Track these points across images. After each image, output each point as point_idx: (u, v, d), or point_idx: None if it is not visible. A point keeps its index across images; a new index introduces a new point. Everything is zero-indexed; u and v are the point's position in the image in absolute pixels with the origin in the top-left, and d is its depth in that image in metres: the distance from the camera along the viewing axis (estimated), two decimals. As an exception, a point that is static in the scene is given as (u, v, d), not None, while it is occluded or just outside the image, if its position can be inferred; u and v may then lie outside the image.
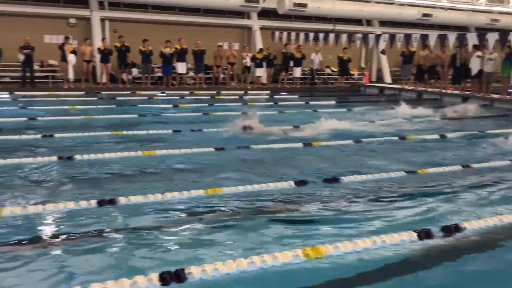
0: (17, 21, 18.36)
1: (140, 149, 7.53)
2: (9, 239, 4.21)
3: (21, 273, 3.66)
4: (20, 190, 5.52)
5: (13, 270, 3.68)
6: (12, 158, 6.59)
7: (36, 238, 4.25)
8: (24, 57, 16.82)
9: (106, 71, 18.28)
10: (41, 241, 4.21)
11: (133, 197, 5.15)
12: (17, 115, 11.29)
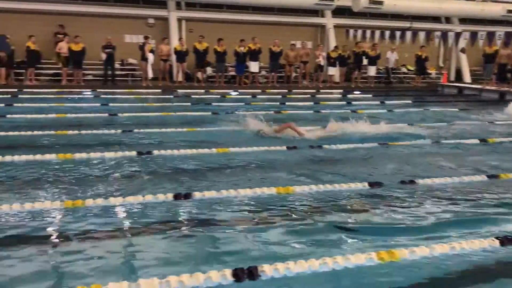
0: (99, 21, 19.30)
1: (213, 146, 7.67)
2: (91, 228, 4.43)
3: (100, 261, 3.85)
4: (102, 182, 5.81)
5: (95, 259, 3.87)
6: (95, 152, 6.93)
7: (115, 229, 4.45)
8: (106, 56, 17.68)
9: (181, 70, 18.81)
10: (118, 232, 4.40)
11: (207, 192, 5.26)
12: (99, 111, 11.87)
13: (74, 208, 4.74)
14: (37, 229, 4.38)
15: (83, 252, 4.01)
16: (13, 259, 3.82)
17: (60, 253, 3.97)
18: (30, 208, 4.68)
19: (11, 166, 6.32)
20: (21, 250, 3.97)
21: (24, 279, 3.49)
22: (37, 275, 3.57)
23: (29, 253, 3.92)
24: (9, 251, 3.94)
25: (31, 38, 17.02)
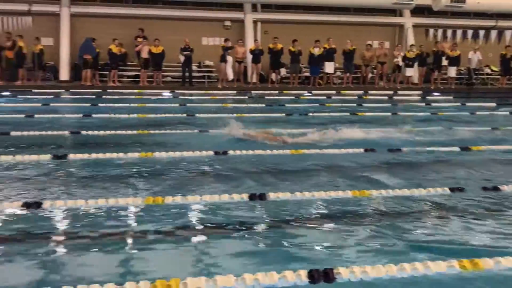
0: (178, 24, 19.91)
1: (286, 147, 7.68)
2: (169, 225, 4.59)
3: (177, 257, 3.97)
4: (182, 180, 6.00)
5: (172, 255, 4.00)
6: (174, 151, 7.15)
7: (191, 226, 4.59)
8: (184, 58, 18.22)
9: (256, 71, 19.01)
10: (194, 229, 4.52)
11: (282, 193, 5.28)
12: (177, 111, 12.26)
13: (154, 205, 4.92)
14: (118, 224, 4.60)
15: (161, 248, 4.16)
16: (96, 252, 4.03)
17: (139, 248, 4.14)
18: (113, 203, 4.91)
19: (96, 163, 6.67)
20: (105, 244, 4.18)
21: (105, 272, 3.66)
22: (117, 267, 3.73)
23: (111, 247, 4.12)
24: (94, 244, 4.16)
25: (114, 41, 17.90)
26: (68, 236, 4.33)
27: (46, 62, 18.32)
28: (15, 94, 15.10)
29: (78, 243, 4.18)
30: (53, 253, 3.99)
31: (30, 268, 3.69)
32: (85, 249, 4.05)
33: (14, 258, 3.84)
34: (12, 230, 4.39)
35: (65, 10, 18.89)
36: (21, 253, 3.92)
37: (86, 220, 4.67)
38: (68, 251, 4.06)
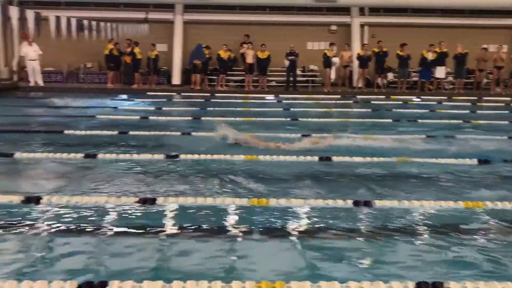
0: (283, 29, 20.13)
1: (395, 155, 7.45)
2: (271, 226, 4.66)
3: (280, 259, 4.02)
4: (286, 184, 6.07)
5: (274, 256, 4.05)
6: (278, 155, 7.23)
7: (294, 229, 4.62)
8: (289, 63, 18.39)
9: (363, 76, 18.68)
10: (297, 232, 4.55)
11: (388, 201, 5.14)
12: (282, 115, 12.40)
13: (261, 206, 5.01)
14: (224, 222, 4.76)
15: (264, 248, 4.24)
16: (203, 249, 4.18)
17: (242, 247, 4.25)
18: (212, 202, 5.09)
19: (205, 163, 6.95)
20: (208, 242, 4.32)
21: (212, 269, 3.79)
22: (223, 266, 3.85)
23: (218, 245, 4.27)
24: (201, 241, 4.33)
25: (223, 47, 18.54)
26: (179, 231, 4.55)
27: (160, 67, 19.44)
28: (131, 97, 16.21)
29: (187, 239, 4.37)
30: (164, 248, 4.21)
31: (143, 260, 3.92)
32: (193, 245, 4.23)
33: (129, 251, 4.11)
34: (129, 224, 4.71)
35: (178, 17, 19.93)
36: (136, 246, 4.19)
37: (194, 216, 4.88)
38: (177, 246, 4.25)
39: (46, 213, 4.88)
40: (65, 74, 19.72)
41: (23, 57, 17.88)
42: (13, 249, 4.09)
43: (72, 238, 4.34)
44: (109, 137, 8.89)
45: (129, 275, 3.45)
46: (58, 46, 15.99)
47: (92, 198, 5.17)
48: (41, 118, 11.25)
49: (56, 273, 3.53)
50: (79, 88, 18.36)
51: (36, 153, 7.05)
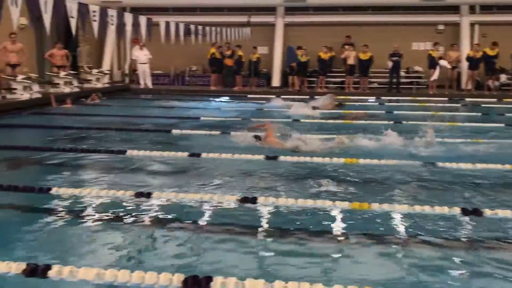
0: (386, 30, 19.59)
1: (506, 161, 6.96)
2: (372, 231, 4.56)
3: (376, 266, 3.91)
4: (387, 188, 5.94)
5: (372, 261, 3.95)
6: (380, 159, 7.05)
7: (395, 234, 4.48)
8: (392, 64, 17.86)
9: (472, 78, 17.65)
10: (397, 238, 4.40)
11: (500, 210, 4.81)
12: (383, 118, 12.06)
13: (362, 210, 4.92)
14: (322, 226, 4.72)
15: (363, 254, 4.15)
16: (301, 252, 4.19)
17: (342, 251, 4.19)
18: (311, 204, 5.06)
19: (304, 166, 6.95)
20: (308, 244, 4.32)
21: (311, 272, 3.79)
22: (323, 269, 3.83)
23: (314, 247, 4.26)
24: (298, 243, 4.33)
25: (323, 48, 18.44)
26: (275, 232, 4.59)
27: (261, 70, 19.78)
28: (233, 98, 16.66)
29: (287, 240, 4.41)
30: (263, 247, 4.27)
31: (244, 258, 4.01)
32: (293, 247, 4.25)
33: (231, 248, 4.22)
34: (230, 221, 4.85)
35: (279, 20, 20.17)
36: (237, 244, 4.29)
37: (291, 218, 4.91)
38: (277, 246, 4.29)
39: (155, 207, 5.17)
40: (172, 77, 20.73)
41: (134, 60, 19.08)
42: (125, 240, 4.36)
43: (178, 232, 4.55)
44: (212, 137, 9.19)
45: (232, 272, 3.55)
46: (166, 50, 16.86)
47: (196, 195, 5.37)
48: (151, 118, 11.91)
49: (163, 265, 3.72)
50: (184, 90, 19.21)
51: (145, 151, 7.46)
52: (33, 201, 5.47)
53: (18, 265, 3.33)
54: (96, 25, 9.74)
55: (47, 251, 4.10)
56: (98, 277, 3.22)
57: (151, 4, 19.77)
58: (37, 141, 8.48)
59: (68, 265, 3.37)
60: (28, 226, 4.72)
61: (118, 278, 3.19)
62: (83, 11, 9.17)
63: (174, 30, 12.74)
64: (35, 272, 3.28)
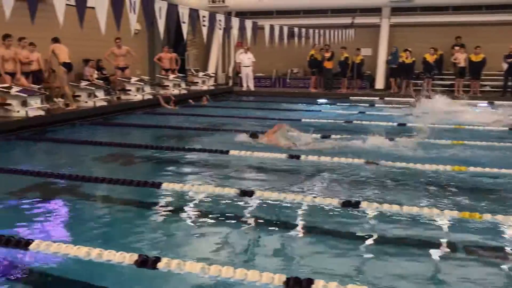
0: (502, 29, 18.28)
1: None
2: (479, 243, 4.30)
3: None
4: (501, 198, 5.55)
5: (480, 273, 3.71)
6: (492, 168, 6.62)
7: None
8: (507, 66, 16.66)
9: None
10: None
11: None
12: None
13: (474, 220, 4.66)
14: (429, 234, 4.53)
15: (469, 265, 3.95)
16: (405, 259, 4.06)
17: (447, 263, 4.01)
18: (418, 211, 4.88)
19: (403, 172, 6.72)
20: (410, 253, 4.18)
21: (412, 282, 3.65)
22: (428, 280, 3.67)
23: (418, 256, 4.10)
24: (401, 251, 4.21)
25: (430, 50, 17.67)
26: (377, 238, 4.48)
27: (364, 71, 19.40)
28: (335, 101, 16.51)
29: (385, 246, 4.29)
30: (364, 253, 4.19)
31: (345, 263, 3.96)
32: (393, 256, 4.12)
33: (330, 251, 4.18)
34: (330, 224, 4.81)
35: (385, 21, 19.65)
36: (336, 248, 4.25)
37: (395, 225, 4.76)
38: (373, 252, 4.19)
39: (257, 206, 5.27)
40: (274, 79, 20.99)
41: (238, 63, 19.59)
42: (228, 237, 4.49)
43: (279, 232, 4.60)
44: (312, 139, 9.16)
45: (332, 275, 3.52)
46: (268, 53, 17.10)
47: (297, 196, 5.39)
48: (252, 119, 12.14)
49: (263, 264, 3.77)
50: (285, 92, 19.37)
51: (247, 151, 7.63)
52: (145, 195, 5.81)
53: (131, 256, 3.55)
54: (205, 30, 10.12)
55: (156, 243, 4.34)
56: (203, 271, 3.35)
57: (255, 8, 20.16)
58: (147, 139, 8.99)
59: (175, 258, 3.54)
60: (140, 219, 5.04)
61: (222, 274, 3.29)
62: (194, 16, 9.57)
63: (278, 33, 12.89)
64: (146, 263, 3.48)
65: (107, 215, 5.21)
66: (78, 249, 3.68)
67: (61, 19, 6.67)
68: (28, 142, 9.09)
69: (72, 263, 3.75)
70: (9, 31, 10.20)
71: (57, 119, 10.74)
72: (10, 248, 3.88)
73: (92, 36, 10.66)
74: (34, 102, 10.26)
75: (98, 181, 6.01)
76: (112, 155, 8.03)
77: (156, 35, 16.64)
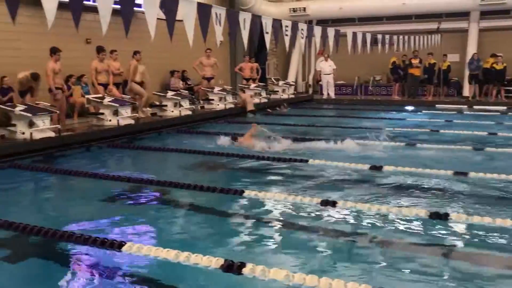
0: None
1: None
2: None
3: None
4: None
5: None
6: None
7: None
8: None
9: None
10: None
11: None
12: None
13: None
14: None
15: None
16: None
17: None
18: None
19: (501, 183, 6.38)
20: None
21: None
22: None
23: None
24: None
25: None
26: (468, 254, 4.29)
27: (451, 78, 18.64)
28: (420, 109, 15.97)
29: (477, 265, 4.09)
30: (450, 267, 4.03)
31: (429, 276, 3.83)
32: (486, 272, 3.93)
33: (412, 266, 4.04)
34: (416, 237, 4.67)
35: (473, 25, 18.76)
36: (418, 261, 4.11)
37: (487, 238, 4.54)
38: (463, 269, 4.01)
39: (338, 216, 5.22)
40: (355, 87, 20.69)
41: (319, 71, 19.55)
42: (309, 246, 4.48)
43: (362, 244, 4.52)
44: (396, 149, 8.94)
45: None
46: (350, 60, 16.91)
47: (382, 207, 5.28)
48: (332, 128, 12.03)
49: (346, 275, 3.72)
50: (367, 100, 19.04)
51: (327, 161, 7.58)
52: (228, 202, 5.94)
53: (217, 260, 3.65)
54: (287, 39, 10.22)
55: (239, 249, 4.42)
56: (287, 279, 3.37)
57: (337, 15, 19.98)
58: (229, 148, 9.17)
59: (259, 264, 3.59)
60: (222, 225, 5.16)
61: (306, 282, 3.30)
62: (277, 26, 9.71)
63: (361, 40, 12.73)
64: (232, 268, 3.56)
65: (191, 220, 5.38)
66: (167, 252, 3.84)
67: (153, 33, 7.03)
68: (119, 149, 9.60)
69: (161, 265, 3.92)
70: (103, 44, 10.86)
71: (145, 127, 11.26)
72: (104, 249, 4.13)
73: (178, 48, 11.14)
74: (125, 111, 10.83)
75: (184, 187, 6.24)
76: (196, 162, 8.28)
77: (237, 46, 17.05)
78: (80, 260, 4.11)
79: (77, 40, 11.33)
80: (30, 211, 5.89)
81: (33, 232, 4.56)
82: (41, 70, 9.83)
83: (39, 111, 9.02)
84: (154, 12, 7.12)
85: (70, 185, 7.07)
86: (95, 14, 6.83)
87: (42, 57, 10.08)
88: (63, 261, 4.17)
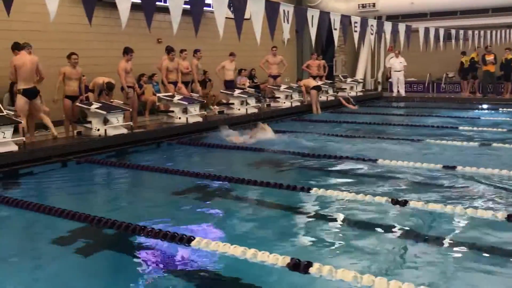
0: None
1: None
2: None
3: None
4: None
5: None
6: None
7: None
8: None
9: None
10: None
11: None
12: None
13: None
14: None
15: None
16: None
17: None
18: None
19: None
20: None
21: None
22: None
23: None
24: None
25: None
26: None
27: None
28: (495, 107, 15.18)
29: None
30: None
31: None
32: None
33: (481, 267, 3.87)
34: (490, 239, 4.45)
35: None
36: (490, 263, 3.90)
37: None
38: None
39: (409, 216, 5.06)
40: (427, 84, 19.98)
41: (389, 68, 19.05)
42: (379, 246, 4.35)
43: (430, 245, 4.36)
44: (468, 149, 8.57)
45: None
46: (422, 56, 16.36)
47: (456, 208, 5.07)
48: (402, 126, 11.69)
49: (412, 278, 3.58)
50: (439, 98, 18.33)
51: (397, 161, 7.37)
52: (294, 199, 5.91)
53: (283, 259, 3.64)
54: (357, 35, 10.03)
55: (305, 248, 4.38)
56: (355, 280, 3.30)
57: (408, 10, 19.35)
58: (294, 146, 9.13)
59: (326, 264, 3.53)
60: (289, 222, 5.15)
61: (375, 284, 3.21)
62: (345, 22, 9.54)
63: (433, 35, 12.26)
64: (298, 267, 3.53)
65: (258, 216, 5.40)
66: (234, 248, 3.88)
67: (221, 32, 7.10)
68: (188, 146, 9.81)
69: (228, 261, 3.95)
70: (173, 43, 11.15)
71: (212, 125, 11.43)
72: (174, 243, 4.22)
73: (245, 47, 11.22)
74: (194, 109, 11.05)
75: (250, 183, 6.28)
76: (260, 159, 8.31)
77: (304, 43, 16.94)
78: (150, 254, 4.23)
79: (148, 40, 11.70)
80: (104, 204, 6.14)
81: (106, 225, 4.74)
82: (113, 69, 10.19)
83: (113, 109, 9.36)
84: (223, 11, 7.20)
85: (141, 180, 7.31)
86: (165, 14, 7.00)
87: (114, 56, 10.48)
88: (134, 254, 4.31)
